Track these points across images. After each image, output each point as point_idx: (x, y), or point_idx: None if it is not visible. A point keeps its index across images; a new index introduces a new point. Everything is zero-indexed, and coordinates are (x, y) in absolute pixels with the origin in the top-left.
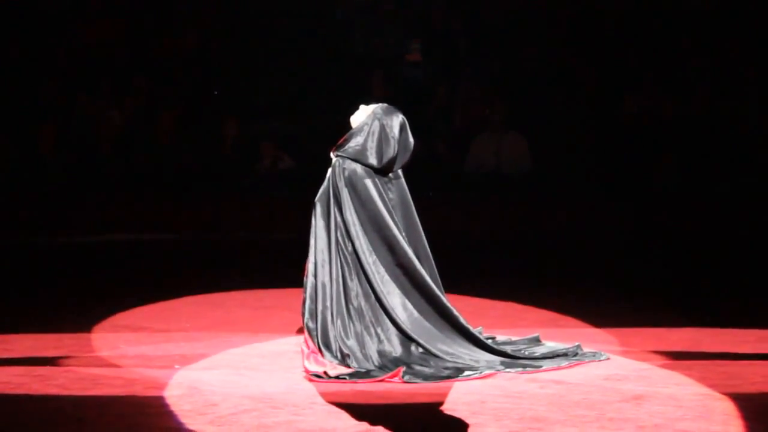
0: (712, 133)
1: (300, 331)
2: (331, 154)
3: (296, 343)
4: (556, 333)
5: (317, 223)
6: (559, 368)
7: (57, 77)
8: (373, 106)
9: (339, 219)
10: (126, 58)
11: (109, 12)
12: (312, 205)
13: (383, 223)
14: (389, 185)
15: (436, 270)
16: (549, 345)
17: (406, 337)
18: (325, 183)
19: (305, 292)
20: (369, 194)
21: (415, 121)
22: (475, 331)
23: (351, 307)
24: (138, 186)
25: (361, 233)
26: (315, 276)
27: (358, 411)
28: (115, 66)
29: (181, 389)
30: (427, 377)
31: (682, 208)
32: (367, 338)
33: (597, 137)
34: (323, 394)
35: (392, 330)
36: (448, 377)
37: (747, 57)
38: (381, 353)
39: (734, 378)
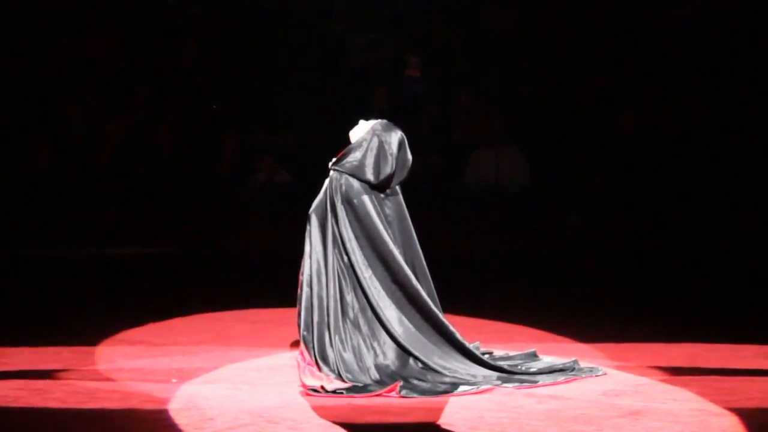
0: (710, 147)
1: (296, 344)
2: (329, 167)
3: (293, 357)
4: (553, 348)
5: (312, 234)
6: (555, 383)
7: (54, 90)
8: (372, 122)
9: (336, 232)
10: (125, 71)
11: (108, 25)
12: (307, 217)
13: (379, 239)
14: (386, 201)
15: (433, 286)
16: (546, 360)
17: (403, 351)
18: (321, 195)
19: (300, 304)
20: (366, 210)
21: (413, 137)
22: (471, 346)
23: (348, 320)
24: (136, 200)
25: (357, 248)
26: (310, 287)
27: (355, 426)
28: (114, 79)
29: (179, 403)
30: (424, 392)
31: (680, 224)
32: (364, 351)
33: (596, 152)
34: (320, 409)
35: (389, 344)
36: (445, 392)
37: (744, 73)
38: (378, 367)
39: (732, 393)
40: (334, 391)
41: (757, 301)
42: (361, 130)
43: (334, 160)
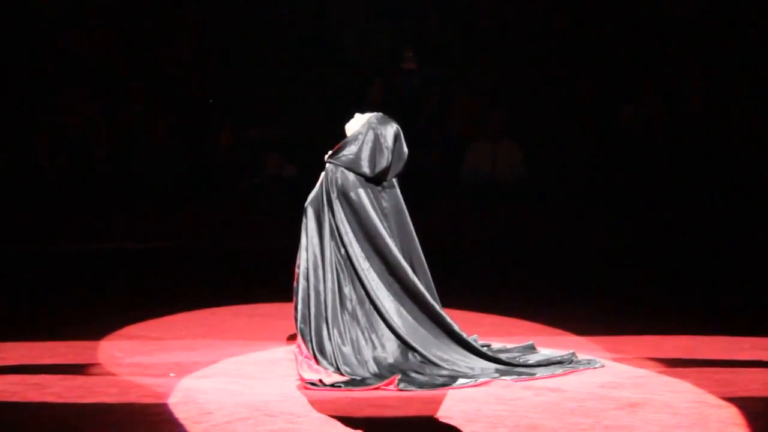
0: (707, 141)
1: (294, 338)
2: (325, 160)
3: (291, 351)
4: (550, 341)
5: (309, 226)
6: (553, 376)
7: (51, 85)
8: (368, 115)
9: (333, 224)
10: (122, 65)
11: (105, 20)
12: (303, 210)
13: (375, 232)
14: (383, 194)
15: (431, 278)
16: (544, 352)
17: (402, 343)
18: (317, 188)
19: (297, 296)
20: (361, 203)
21: (409, 130)
22: (469, 338)
23: (346, 312)
24: (133, 195)
25: (354, 241)
26: (307, 279)
27: (354, 419)
28: (111, 74)
29: (177, 397)
30: (422, 385)
31: (677, 216)
32: (362, 344)
33: (593, 145)
34: (318, 402)
35: (387, 335)
36: (443, 385)
37: (741, 66)
38: (376, 360)
39: (730, 385)
40: (332, 385)
41: (755, 293)
42: (357, 123)
43: (329, 153)
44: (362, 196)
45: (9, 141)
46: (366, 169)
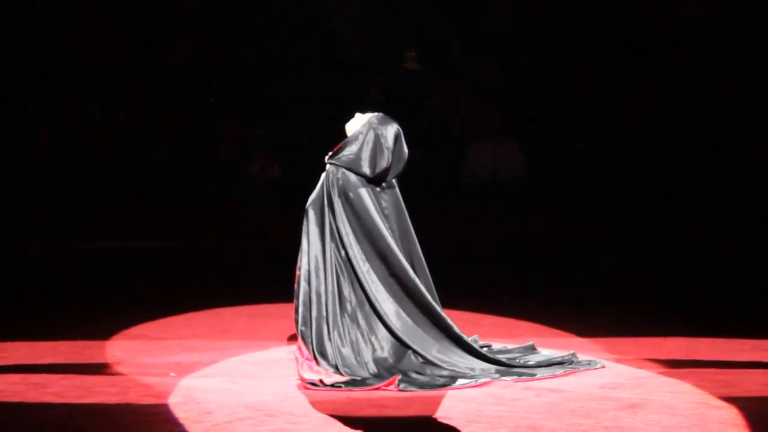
0: (709, 141)
1: (294, 338)
2: (326, 161)
3: (291, 351)
4: (550, 342)
5: (310, 229)
6: (554, 376)
7: (52, 83)
8: (368, 115)
9: (333, 226)
10: (123, 64)
11: (107, 18)
12: (304, 212)
13: (377, 232)
14: (383, 194)
15: (430, 278)
16: (544, 353)
17: (401, 344)
18: (318, 189)
19: (298, 299)
20: (363, 204)
21: (410, 130)
22: (469, 339)
23: (346, 314)
24: (133, 194)
25: (354, 242)
26: (308, 282)
27: (354, 419)
28: (112, 72)
29: (177, 397)
30: (422, 385)
31: (678, 217)
32: (362, 346)
33: (594, 145)
34: (318, 403)
35: (386, 338)
36: (444, 385)
37: (742, 65)
38: (376, 361)
39: (730, 386)
40: (332, 385)
41: (755, 294)
42: (357, 123)
43: (330, 153)
44: (363, 196)
45: (9, 139)
46: (366, 169)
